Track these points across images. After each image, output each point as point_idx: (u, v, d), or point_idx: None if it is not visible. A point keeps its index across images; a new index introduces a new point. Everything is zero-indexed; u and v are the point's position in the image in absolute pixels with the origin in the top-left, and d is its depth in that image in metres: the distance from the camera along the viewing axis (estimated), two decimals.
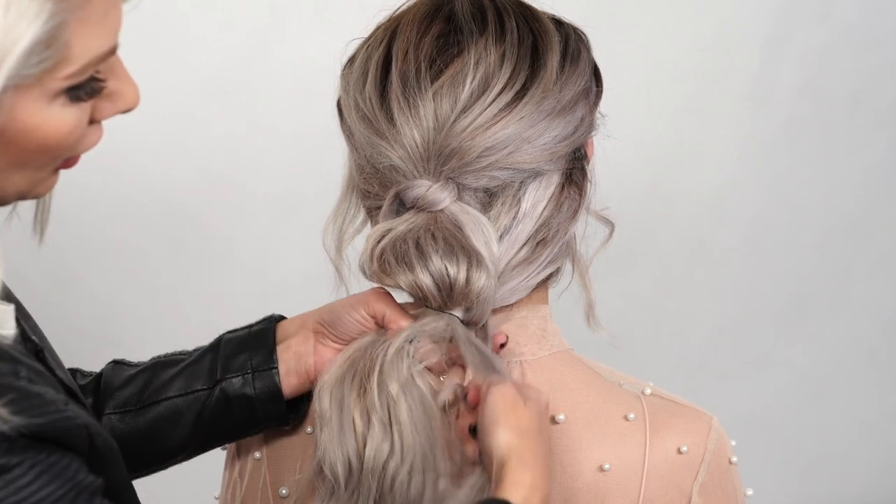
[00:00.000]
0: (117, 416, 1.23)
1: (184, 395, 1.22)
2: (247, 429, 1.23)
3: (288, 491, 1.22)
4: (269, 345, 1.21)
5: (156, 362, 1.26)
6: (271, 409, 1.20)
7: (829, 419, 3.09)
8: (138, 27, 2.33)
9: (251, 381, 1.20)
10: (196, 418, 1.22)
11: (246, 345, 1.21)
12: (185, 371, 1.23)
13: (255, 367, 1.20)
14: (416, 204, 1.11)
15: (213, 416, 1.22)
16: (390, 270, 1.10)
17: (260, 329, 1.23)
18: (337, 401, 1.09)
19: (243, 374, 1.20)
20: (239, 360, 1.21)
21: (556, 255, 1.15)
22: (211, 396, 1.21)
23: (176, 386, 1.22)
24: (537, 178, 1.12)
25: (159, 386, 1.23)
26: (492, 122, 1.09)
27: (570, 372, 1.17)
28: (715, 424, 1.17)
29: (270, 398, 1.20)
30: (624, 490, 1.13)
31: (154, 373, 1.24)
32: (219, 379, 1.21)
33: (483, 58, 1.10)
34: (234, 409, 1.21)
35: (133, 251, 2.43)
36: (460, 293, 1.09)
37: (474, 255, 1.09)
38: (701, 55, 2.79)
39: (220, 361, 1.21)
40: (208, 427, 1.22)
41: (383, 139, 1.11)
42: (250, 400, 1.20)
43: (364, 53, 1.16)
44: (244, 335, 1.23)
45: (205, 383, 1.21)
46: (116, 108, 1.01)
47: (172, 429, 1.23)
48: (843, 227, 3.01)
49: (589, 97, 1.16)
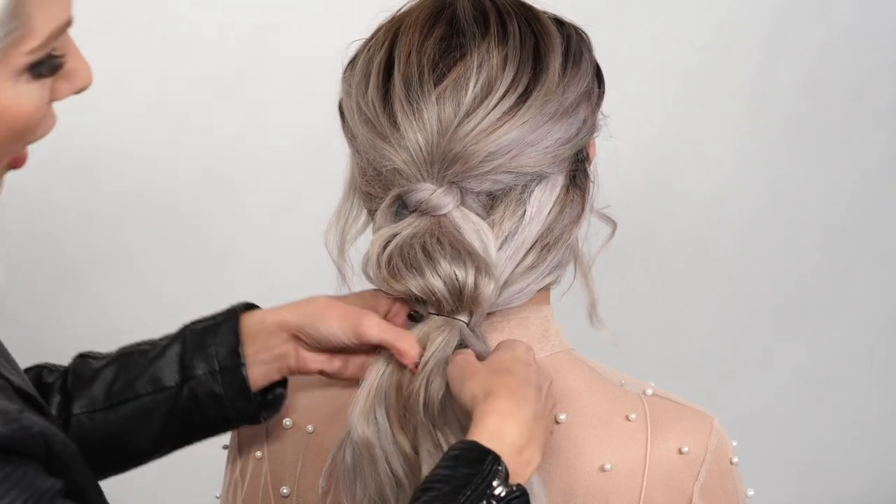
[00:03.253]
0: (86, 416, 1.21)
1: (152, 394, 1.20)
2: (218, 426, 1.22)
3: (289, 490, 1.22)
4: (234, 340, 1.18)
5: (121, 354, 1.24)
6: (241, 407, 1.19)
7: (828, 419, 3.09)
8: (139, 27, 2.34)
9: (219, 379, 1.18)
10: (166, 417, 1.20)
11: (210, 339, 1.19)
12: (152, 367, 1.21)
13: (222, 364, 1.18)
14: (418, 207, 1.11)
15: (182, 414, 1.20)
16: (400, 276, 1.10)
17: (223, 321, 1.20)
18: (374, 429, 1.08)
19: (210, 372, 1.18)
20: (205, 356, 1.19)
21: (560, 259, 1.16)
22: (180, 395, 1.19)
23: (143, 384, 1.20)
24: (542, 181, 1.12)
25: (127, 383, 1.21)
26: (495, 126, 1.09)
27: (572, 372, 1.17)
28: (716, 425, 1.17)
29: (240, 395, 1.18)
30: (625, 490, 1.13)
31: (120, 368, 1.22)
32: (187, 377, 1.19)
33: (486, 61, 1.10)
34: (204, 408, 1.19)
35: (134, 251, 2.43)
36: (470, 297, 1.09)
37: (480, 261, 1.09)
38: (700, 55, 2.79)
39: (187, 356, 1.20)
40: (179, 425, 1.21)
41: (386, 142, 1.11)
42: (219, 398, 1.19)
43: (366, 56, 1.15)
44: (208, 327, 1.20)
45: (173, 381, 1.20)
46: (73, 87, 1.00)
47: (142, 427, 1.21)
48: (843, 227, 3.01)
49: (591, 98, 1.16)
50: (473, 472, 0.97)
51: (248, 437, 1.27)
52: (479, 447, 0.98)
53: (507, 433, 1.00)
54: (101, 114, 2.34)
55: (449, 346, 1.10)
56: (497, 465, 0.97)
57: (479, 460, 0.97)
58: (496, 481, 0.97)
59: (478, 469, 0.97)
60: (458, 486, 0.96)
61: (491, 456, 0.98)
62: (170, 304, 2.46)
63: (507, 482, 0.98)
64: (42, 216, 2.34)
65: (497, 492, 0.97)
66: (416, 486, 0.99)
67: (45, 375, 1.25)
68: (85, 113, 2.33)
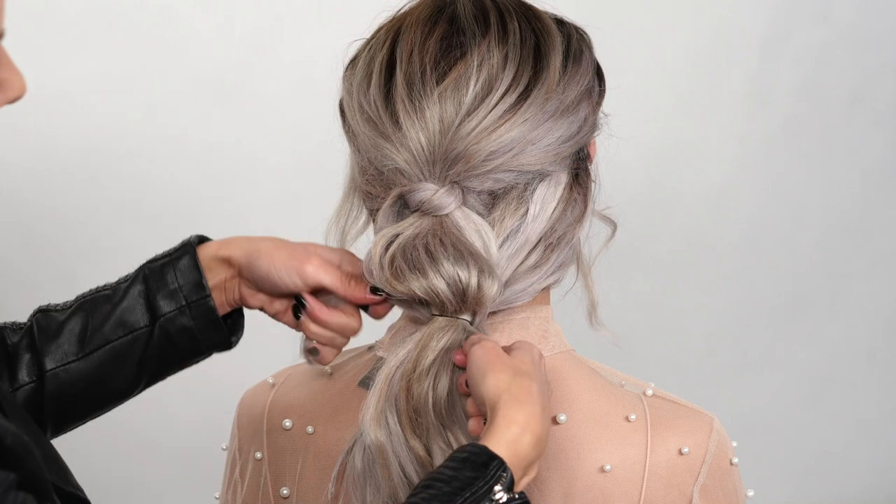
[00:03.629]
0: (61, 369, 1.22)
1: (123, 338, 1.22)
2: (190, 359, 1.25)
3: (289, 491, 1.22)
4: (196, 273, 1.21)
5: (83, 302, 1.25)
6: (211, 337, 1.22)
7: (827, 419, 3.09)
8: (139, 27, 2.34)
9: (188, 313, 1.21)
10: (140, 358, 1.22)
11: (171, 275, 1.21)
12: (117, 310, 1.22)
13: (188, 299, 1.20)
14: (420, 207, 1.11)
15: (156, 352, 1.22)
16: (403, 277, 1.10)
17: (181, 255, 1.22)
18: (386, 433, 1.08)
19: (179, 308, 1.21)
20: (170, 292, 1.21)
21: (564, 259, 1.16)
22: (152, 335, 1.22)
23: (113, 328, 1.22)
24: (545, 179, 1.12)
25: (96, 330, 1.22)
26: (496, 124, 1.09)
27: (572, 372, 1.17)
28: (716, 425, 1.17)
29: (211, 326, 1.21)
30: (625, 491, 1.13)
31: (86, 316, 1.23)
32: (156, 316, 1.21)
33: (486, 60, 1.10)
34: (177, 343, 1.22)
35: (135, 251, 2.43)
36: (473, 298, 1.09)
37: (482, 261, 1.09)
38: (700, 54, 2.79)
39: (152, 295, 1.21)
40: (153, 363, 1.23)
41: (388, 142, 1.11)
42: (190, 331, 1.21)
43: (367, 55, 1.16)
44: (167, 263, 1.23)
45: (143, 321, 1.22)
46: (6, 98, 1.00)
47: (118, 371, 1.23)
48: (842, 227, 3.01)
49: (592, 97, 1.16)
50: (477, 475, 0.97)
51: (247, 438, 1.27)
52: (487, 452, 0.98)
53: (522, 447, 1.00)
54: (102, 114, 2.34)
55: (454, 346, 1.10)
56: (502, 471, 0.97)
57: (485, 465, 0.97)
58: (498, 486, 0.97)
59: (482, 473, 0.97)
60: (459, 488, 0.96)
61: (497, 461, 0.98)
62: None
63: (510, 489, 0.98)
64: (42, 216, 2.34)
65: (497, 497, 0.97)
66: (419, 481, 0.99)
67: (8, 336, 1.25)
68: (85, 113, 2.33)
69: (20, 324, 1.27)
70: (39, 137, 2.31)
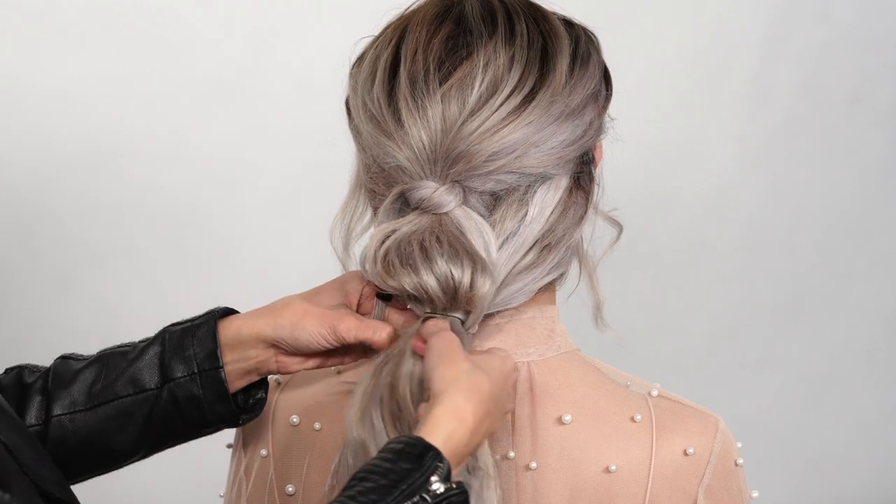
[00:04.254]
0: (67, 417, 1.21)
1: (132, 396, 1.21)
2: (198, 429, 1.23)
3: (294, 489, 1.21)
4: (212, 343, 1.19)
5: (101, 355, 1.24)
6: (218, 410, 1.20)
7: (827, 419, 3.10)
8: (139, 27, 2.34)
9: (198, 381, 1.19)
10: (145, 419, 1.21)
11: (189, 341, 1.20)
12: (131, 368, 1.21)
13: (201, 367, 1.19)
14: (420, 205, 1.10)
15: (162, 417, 1.21)
16: (394, 272, 1.09)
17: (202, 324, 1.21)
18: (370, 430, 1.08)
19: (190, 374, 1.19)
20: (184, 358, 1.20)
21: (561, 260, 1.15)
22: (160, 397, 1.20)
23: (123, 385, 1.21)
24: (546, 181, 1.12)
25: (107, 385, 1.21)
26: (500, 126, 1.09)
27: (578, 372, 1.17)
28: (721, 426, 1.17)
29: (217, 398, 1.19)
30: (630, 491, 1.13)
31: (101, 369, 1.22)
32: (167, 379, 1.20)
33: (492, 61, 1.10)
34: (183, 410, 1.20)
35: (135, 251, 2.43)
36: (464, 297, 1.09)
37: (479, 260, 1.08)
38: (700, 54, 2.79)
39: (166, 358, 1.20)
40: (158, 428, 1.22)
41: (391, 139, 1.11)
42: (198, 400, 1.20)
43: (373, 53, 1.15)
44: (187, 328, 1.21)
45: (153, 383, 1.20)
46: None
47: (122, 429, 1.22)
48: (842, 227, 3.01)
49: (598, 100, 1.15)
50: (413, 467, 0.96)
51: (253, 435, 1.27)
52: (422, 443, 0.98)
53: (457, 440, 1.00)
54: (102, 114, 2.34)
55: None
56: (438, 462, 0.97)
57: (420, 456, 0.97)
58: (435, 476, 0.97)
59: (418, 465, 0.96)
60: (395, 481, 0.96)
61: (432, 452, 0.97)
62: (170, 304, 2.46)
63: (447, 479, 0.97)
64: (42, 216, 2.34)
65: (434, 488, 0.97)
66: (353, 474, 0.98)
67: (25, 376, 1.25)
68: (85, 113, 2.33)
69: (39, 367, 1.27)
70: (39, 137, 2.31)
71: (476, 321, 1.11)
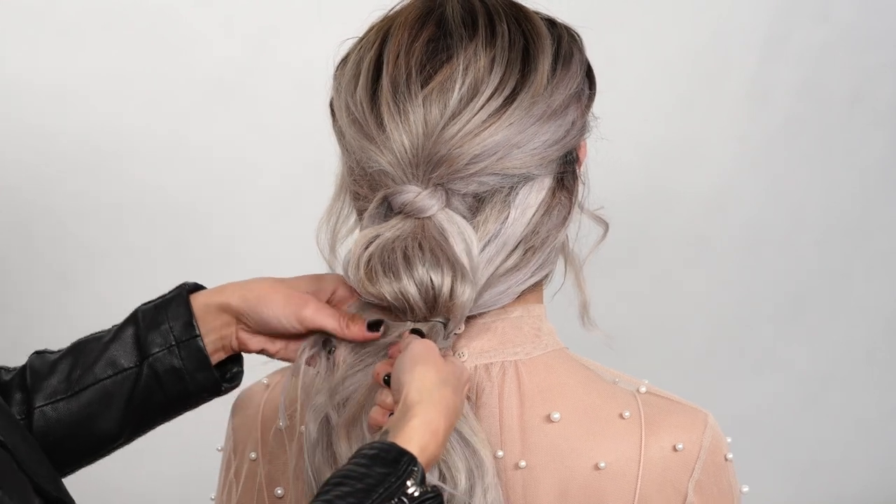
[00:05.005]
0: (49, 406, 1.21)
1: (112, 377, 1.21)
2: (179, 403, 1.23)
3: (284, 491, 1.21)
4: (186, 314, 1.19)
5: (76, 344, 1.24)
6: (200, 379, 1.20)
7: (827, 419, 3.09)
8: (139, 27, 2.35)
9: (177, 352, 1.19)
10: (128, 398, 1.21)
11: (163, 315, 1.20)
12: (108, 350, 1.21)
13: (178, 338, 1.19)
14: (403, 209, 1.11)
15: (144, 393, 1.21)
16: (375, 280, 1.10)
17: (173, 297, 1.22)
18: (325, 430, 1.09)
19: (168, 347, 1.19)
20: (160, 332, 1.20)
21: (545, 261, 1.16)
22: (140, 374, 1.20)
23: (102, 367, 1.21)
24: (528, 182, 1.12)
25: (85, 369, 1.22)
26: (480, 128, 1.09)
27: (566, 371, 1.17)
28: (710, 421, 1.17)
29: (198, 366, 1.19)
30: (620, 488, 1.13)
31: (77, 356, 1.23)
32: (145, 355, 1.20)
33: (472, 63, 1.10)
34: (165, 384, 1.20)
35: (135, 251, 2.44)
36: (444, 305, 1.10)
37: (459, 267, 1.09)
38: (699, 54, 2.79)
39: (142, 335, 1.21)
40: (141, 406, 1.22)
41: (373, 143, 1.11)
42: (179, 371, 1.20)
43: (356, 55, 1.16)
44: (159, 304, 1.22)
45: (131, 361, 1.21)
46: None
47: (105, 412, 1.22)
48: (842, 227, 3.01)
49: (581, 100, 1.15)
50: (388, 471, 0.97)
51: (242, 439, 1.27)
52: (396, 448, 0.98)
53: (430, 455, 1.00)
54: (102, 114, 2.35)
55: None
56: (413, 466, 0.98)
57: (395, 461, 0.98)
58: (410, 481, 0.97)
59: (393, 469, 0.97)
60: (372, 485, 0.96)
61: (407, 457, 0.98)
62: None
63: (422, 483, 0.98)
64: (42, 216, 2.34)
65: (410, 491, 0.97)
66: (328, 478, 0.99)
67: (2, 375, 1.25)
68: (85, 113, 2.34)
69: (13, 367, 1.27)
70: (39, 137, 2.31)
71: (455, 328, 1.12)
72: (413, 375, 1.03)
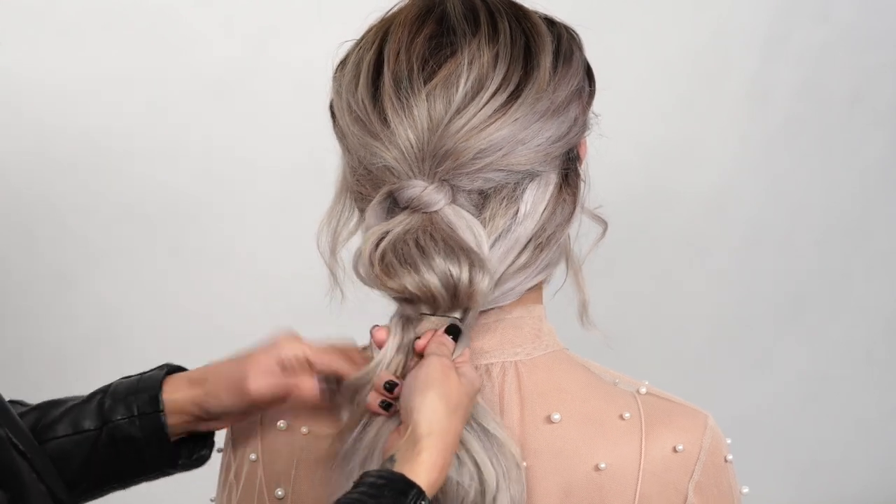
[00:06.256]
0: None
1: (70, 436, 1.22)
2: (136, 473, 1.24)
3: (284, 492, 1.21)
4: (154, 388, 1.21)
5: (46, 402, 1.26)
6: (156, 453, 1.22)
7: (827, 419, 3.10)
8: (139, 27, 2.35)
9: (136, 423, 1.21)
10: (85, 460, 1.22)
11: (133, 388, 1.22)
12: (72, 411, 1.23)
13: (141, 410, 1.21)
14: (410, 204, 1.10)
15: (102, 458, 1.22)
16: (394, 272, 1.09)
17: (149, 375, 1.24)
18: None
19: (129, 418, 1.21)
20: (126, 403, 1.22)
21: (551, 259, 1.16)
22: (100, 437, 1.21)
23: (62, 426, 1.22)
24: (535, 179, 1.12)
25: (45, 426, 1.23)
26: (486, 123, 1.09)
27: (566, 371, 1.17)
28: (710, 422, 1.17)
29: (157, 443, 1.21)
30: (620, 489, 1.13)
31: (42, 413, 1.24)
32: (106, 421, 1.21)
33: (476, 59, 1.10)
34: (123, 452, 1.22)
35: (134, 252, 2.44)
36: (465, 294, 1.09)
37: (474, 256, 1.09)
38: (700, 54, 2.79)
39: (108, 402, 1.22)
40: (98, 469, 1.23)
41: (377, 140, 1.11)
42: (138, 444, 1.21)
43: (356, 55, 1.16)
44: (135, 380, 1.24)
45: (93, 424, 1.22)
46: None
47: (62, 470, 1.22)
48: (842, 227, 3.01)
49: (582, 97, 1.16)
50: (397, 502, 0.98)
51: (242, 439, 1.27)
52: (405, 479, 0.99)
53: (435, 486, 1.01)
54: (102, 114, 2.35)
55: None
56: (422, 500, 0.99)
57: (403, 493, 0.98)
58: None
59: (401, 502, 0.98)
60: None
61: (415, 490, 0.99)
62: (170, 304, 2.47)
63: None
64: (43, 216, 2.34)
65: None
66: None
67: None
68: (85, 113, 2.34)
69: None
70: (39, 137, 2.31)
71: (475, 317, 1.12)
72: (424, 402, 1.03)
